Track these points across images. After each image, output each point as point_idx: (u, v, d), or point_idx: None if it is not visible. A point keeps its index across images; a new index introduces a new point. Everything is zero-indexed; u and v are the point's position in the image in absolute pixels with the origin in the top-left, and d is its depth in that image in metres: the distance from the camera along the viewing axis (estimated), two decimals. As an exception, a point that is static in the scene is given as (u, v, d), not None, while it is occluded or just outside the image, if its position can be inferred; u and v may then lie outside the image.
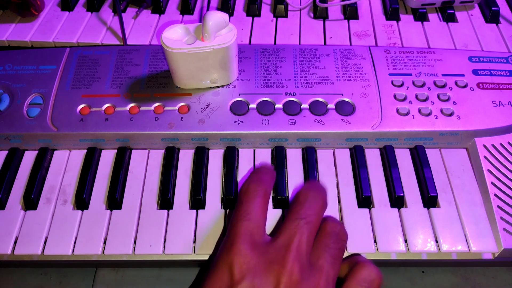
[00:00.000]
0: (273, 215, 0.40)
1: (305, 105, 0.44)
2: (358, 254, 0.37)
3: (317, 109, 0.44)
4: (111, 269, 0.41)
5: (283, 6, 0.56)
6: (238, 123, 0.43)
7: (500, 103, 0.45)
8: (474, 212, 0.40)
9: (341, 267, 0.34)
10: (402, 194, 0.40)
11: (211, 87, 0.45)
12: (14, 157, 0.43)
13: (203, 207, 0.40)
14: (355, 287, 0.32)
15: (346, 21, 0.56)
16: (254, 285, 0.30)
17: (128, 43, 0.52)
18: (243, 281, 0.30)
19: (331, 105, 0.44)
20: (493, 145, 0.43)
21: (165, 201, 0.40)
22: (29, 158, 0.44)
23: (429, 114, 0.44)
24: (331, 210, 0.40)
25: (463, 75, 0.47)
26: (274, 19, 0.56)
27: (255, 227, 0.33)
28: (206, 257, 0.38)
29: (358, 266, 0.34)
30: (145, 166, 0.43)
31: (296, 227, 0.33)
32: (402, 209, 0.40)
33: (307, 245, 0.32)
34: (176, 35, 0.41)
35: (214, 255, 0.37)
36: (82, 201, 0.40)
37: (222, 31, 0.41)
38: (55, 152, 0.44)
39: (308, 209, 0.34)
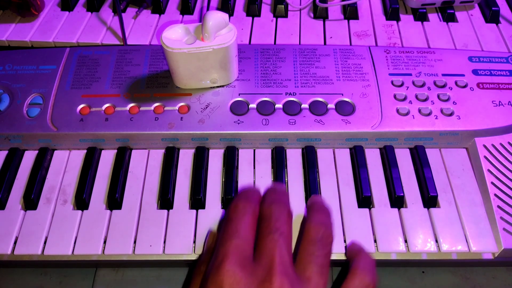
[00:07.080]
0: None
1: (305, 105, 0.44)
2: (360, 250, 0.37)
3: (317, 109, 0.44)
4: (111, 269, 0.41)
5: (283, 6, 0.56)
6: (238, 123, 0.43)
7: (500, 103, 0.45)
8: (474, 212, 0.40)
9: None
10: (402, 194, 0.40)
11: (211, 87, 0.45)
12: (14, 157, 0.43)
13: (203, 207, 0.40)
14: None
15: (346, 21, 0.56)
16: None
17: (128, 43, 0.52)
18: None
19: (331, 105, 0.44)
20: (493, 145, 0.43)
21: (165, 201, 0.40)
22: (29, 158, 0.44)
23: (429, 114, 0.44)
24: (332, 210, 0.40)
25: (463, 75, 0.47)
26: (274, 19, 0.56)
27: (244, 245, 0.32)
28: (206, 257, 0.38)
29: (349, 274, 0.34)
30: (145, 166, 0.43)
31: (272, 241, 0.32)
32: (402, 209, 0.40)
33: (288, 256, 0.32)
34: (176, 35, 0.41)
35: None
36: (82, 201, 0.40)
37: (222, 31, 0.41)
38: (55, 152, 0.44)
39: (276, 222, 0.33)
